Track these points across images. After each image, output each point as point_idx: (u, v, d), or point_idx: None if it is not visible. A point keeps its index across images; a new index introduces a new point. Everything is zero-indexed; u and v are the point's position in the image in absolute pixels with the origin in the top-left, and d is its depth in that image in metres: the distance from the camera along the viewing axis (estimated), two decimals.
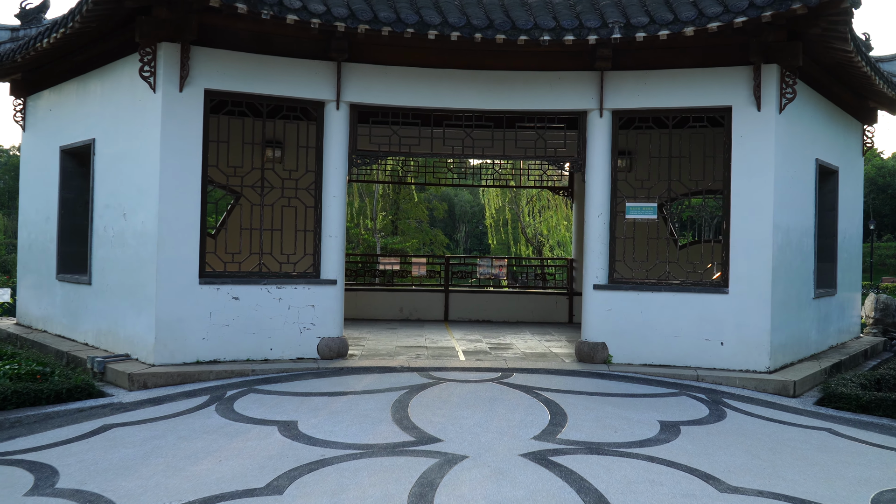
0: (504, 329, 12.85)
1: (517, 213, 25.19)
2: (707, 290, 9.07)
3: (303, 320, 9.05)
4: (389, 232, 28.45)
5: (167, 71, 8.49)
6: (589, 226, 9.47)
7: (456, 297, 14.11)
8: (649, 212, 9.38)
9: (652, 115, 9.39)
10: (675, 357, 9.08)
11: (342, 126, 9.24)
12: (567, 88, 9.39)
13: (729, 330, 8.94)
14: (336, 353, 9.12)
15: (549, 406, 7.00)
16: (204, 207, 8.74)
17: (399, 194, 28.09)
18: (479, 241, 70.28)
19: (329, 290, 9.16)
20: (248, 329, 8.84)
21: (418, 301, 14.08)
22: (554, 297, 14.16)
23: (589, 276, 9.40)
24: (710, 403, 7.50)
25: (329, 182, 9.22)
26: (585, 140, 9.47)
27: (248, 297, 8.84)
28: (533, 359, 9.59)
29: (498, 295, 14.30)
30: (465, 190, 76.94)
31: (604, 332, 9.26)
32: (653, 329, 9.14)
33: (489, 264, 14.36)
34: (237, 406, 7.03)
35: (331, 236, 9.21)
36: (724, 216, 9.10)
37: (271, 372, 8.45)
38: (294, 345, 9.03)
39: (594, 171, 9.40)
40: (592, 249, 9.39)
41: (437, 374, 8.40)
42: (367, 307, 13.92)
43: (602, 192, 9.37)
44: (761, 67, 8.84)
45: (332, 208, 9.21)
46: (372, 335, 11.58)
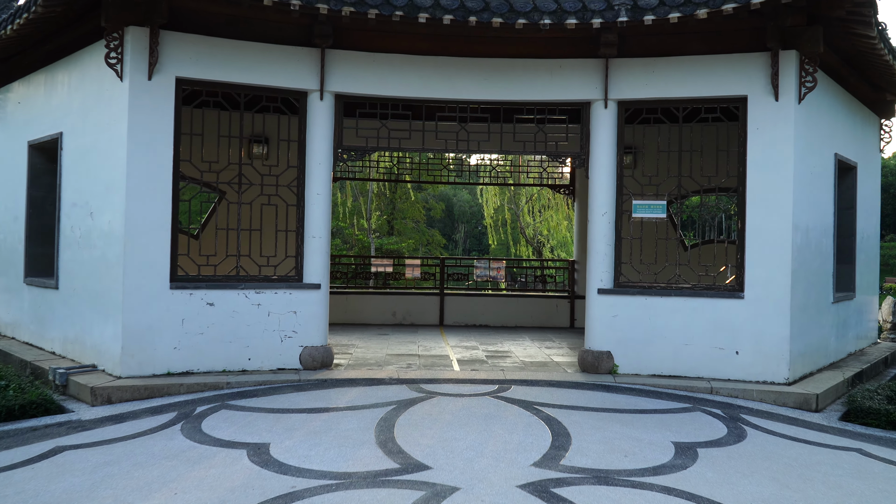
0: (502, 334, 12.17)
1: (516, 212, 24.45)
2: (721, 294, 8.40)
3: (284, 328, 8.37)
4: (385, 232, 27.75)
5: (135, 57, 7.82)
6: (592, 225, 8.79)
7: (452, 301, 13.43)
8: (658, 210, 8.71)
9: (661, 105, 8.71)
10: (687, 367, 8.40)
11: (326, 118, 8.56)
12: (569, 77, 8.72)
13: (745, 338, 8.27)
14: (320, 363, 8.44)
15: (551, 425, 6.33)
16: (176, 205, 8.06)
17: (395, 194, 27.39)
18: (479, 242, 69.61)
19: (312, 295, 8.48)
20: (224, 337, 8.16)
21: (412, 305, 13.40)
22: (554, 300, 13.48)
23: (593, 279, 8.73)
24: (727, 420, 6.82)
25: (312, 178, 8.54)
26: (589, 133, 8.80)
27: (224, 302, 8.17)
28: (533, 369, 8.91)
29: (496, 298, 13.62)
30: (463, 189, 76.37)
31: (609, 340, 8.59)
32: (662, 337, 8.47)
33: (486, 266, 13.69)
34: (206, 425, 6.34)
35: (314, 237, 8.53)
36: (739, 215, 8.42)
37: (248, 385, 7.77)
38: (274, 354, 8.35)
39: (598, 166, 8.73)
40: (596, 251, 8.72)
41: (429, 386, 7.72)
42: (359, 311, 13.24)
43: (607, 188, 8.70)
44: (779, 54, 8.17)
45: (315, 207, 8.53)
46: (362, 342, 10.90)
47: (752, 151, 8.31)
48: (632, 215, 8.78)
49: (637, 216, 8.76)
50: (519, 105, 8.98)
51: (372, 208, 25.03)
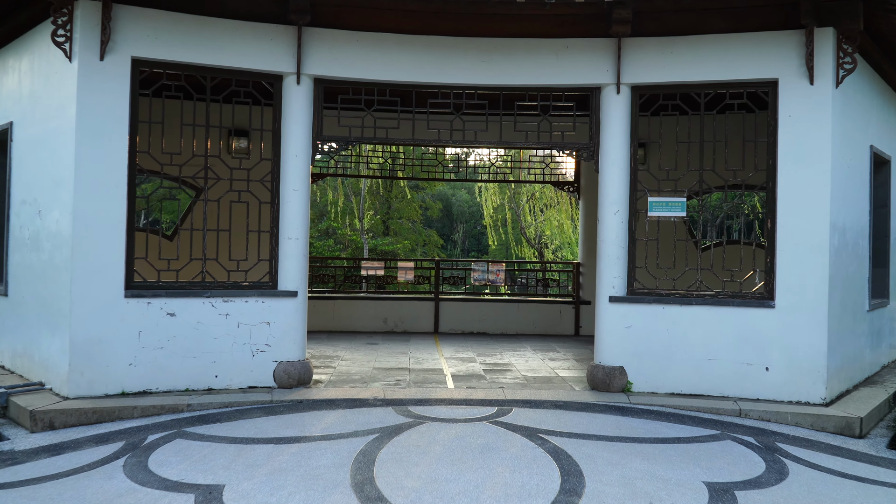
0: (502, 343, 11.22)
1: (517, 212, 23.40)
2: (748, 303, 7.45)
3: (255, 341, 7.43)
4: (380, 232, 26.77)
5: (85, 35, 6.88)
6: (603, 225, 7.85)
7: (447, 307, 12.48)
8: (677, 208, 7.76)
9: (680, 91, 7.76)
10: (710, 385, 7.46)
11: (304, 105, 7.62)
12: (577, 59, 7.78)
13: (775, 352, 7.33)
14: (296, 380, 7.49)
15: (560, 459, 5.38)
16: (132, 202, 7.11)
17: (391, 193, 26.41)
18: (478, 242, 68.63)
19: (288, 304, 7.53)
20: (188, 352, 7.21)
21: (405, 310, 12.44)
22: (558, 306, 12.53)
23: (603, 285, 7.78)
24: (762, 451, 5.87)
25: (288, 172, 7.59)
26: (599, 121, 7.85)
27: (188, 312, 7.22)
28: (536, 385, 7.96)
29: (495, 304, 12.66)
30: (462, 189, 75.40)
31: (622, 354, 7.64)
32: (682, 350, 7.53)
33: (485, 269, 12.74)
34: (154, 459, 5.39)
35: (290, 238, 7.58)
36: (769, 213, 7.48)
37: (212, 406, 6.82)
38: (245, 371, 7.40)
39: (609, 159, 7.78)
40: (608, 254, 7.77)
41: (419, 409, 6.77)
42: (347, 318, 12.28)
43: (619, 184, 7.76)
44: (814, 32, 7.23)
45: (291, 204, 7.59)
46: (348, 352, 9.95)
47: (784, 142, 7.37)
48: (647, 214, 7.83)
49: (653, 215, 7.81)
50: (520, 90, 8.04)
51: (365, 207, 24.01)
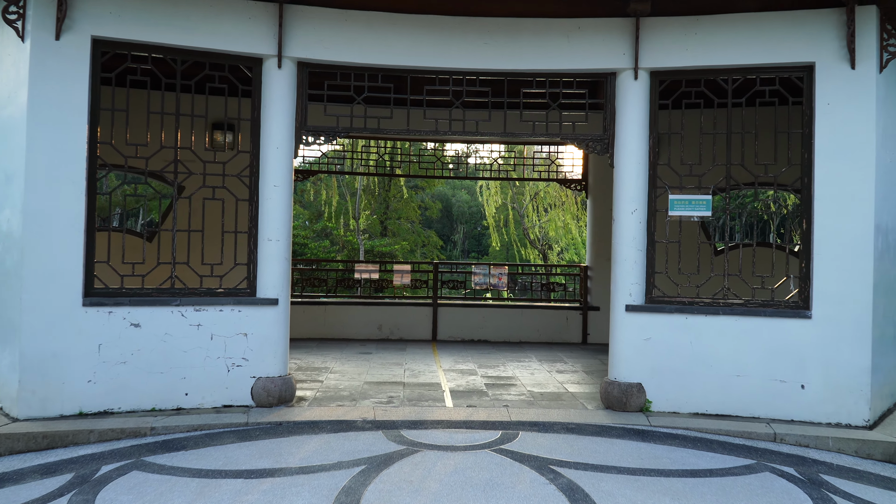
0: (504, 352, 10.44)
1: (520, 212, 22.55)
2: (781, 312, 6.68)
3: (231, 354, 6.65)
4: (378, 233, 25.98)
5: (39, 12, 6.12)
6: (619, 226, 7.07)
7: (446, 313, 11.70)
8: (701, 207, 6.98)
9: (704, 76, 6.99)
10: (739, 404, 6.69)
11: (286, 91, 6.84)
12: (590, 41, 7.01)
13: (812, 367, 6.55)
14: (277, 398, 6.71)
15: (576, 499, 4.59)
16: (92, 199, 6.34)
17: (389, 192, 25.63)
18: (478, 242, 67.82)
19: (268, 313, 6.75)
20: (154, 367, 6.44)
21: (401, 317, 11.67)
22: (564, 312, 11.75)
23: (619, 293, 7.00)
24: (806, 486, 5.09)
25: (269, 166, 6.82)
26: (614, 111, 7.08)
27: (155, 323, 6.45)
28: (544, 403, 7.18)
29: (497, 310, 11.88)
30: (462, 189, 74.56)
31: (640, 370, 6.87)
32: (707, 365, 6.75)
33: (486, 272, 11.97)
34: (102, 498, 4.62)
35: (270, 240, 6.80)
36: (804, 213, 6.71)
37: (179, 430, 6.04)
38: (219, 388, 6.63)
39: (626, 152, 7.01)
40: (623, 258, 6.99)
41: (413, 433, 5.99)
42: (339, 325, 11.50)
43: (636, 180, 6.98)
44: (855, 10, 6.45)
45: (272, 202, 6.81)
46: (338, 363, 9.17)
47: (821, 133, 6.60)
48: (668, 213, 7.05)
49: (675, 214, 7.03)
50: (527, 76, 7.26)
51: (361, 207, 23.17)
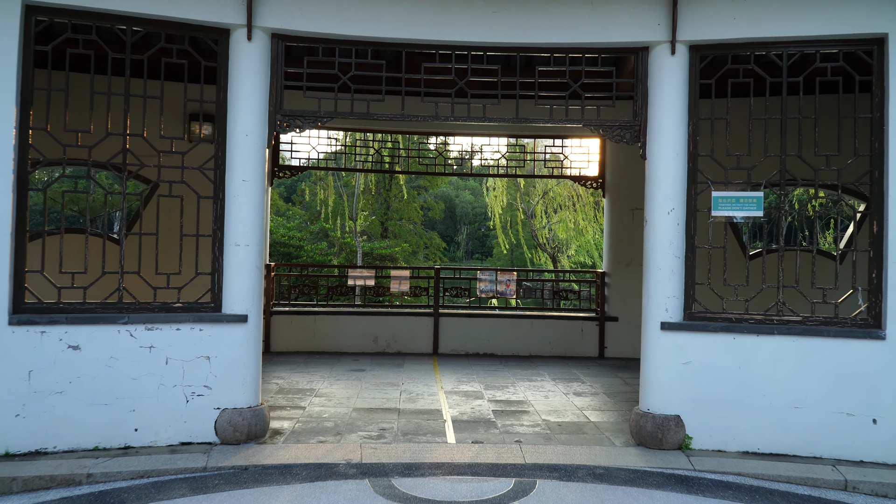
0: (513, 368, 9.35)
1: (528, 212, 21.32)
2: (848, 332, 5.58)
3: (191, 381, 5.57)
4: (378, 235, 24.89)
5: None
6: (653, 229, 5.96)
7: (449, 323, 10.60)
8: (751, 206, 5.88)
9: (754, 50, 5.89)
10: (796, 441, 5.59)
11: (258, 67, 5.76)
12: (618, 9, 5.92)
13: (887, 398, 5.47)
14: (245, 433, 5.63)
15: None
16: (23, 196, 5.28)
17: (389, 192, 24.54)
18: (482, 244, 66.69)
19: (235, 333, 5.67)
20: (97, 397, 5.37)
21: (398, 328, 10.58)
22: (579, 322, 10.64)
23: (653, 307, 5.90)
24: None
25: (236, 158, 5.74)
26: (646, 92, 5.99)
27: (98, 344, 5.38)
28: (563, 437, 6.08)
29: (504, 320, 10.78)
30: (465, 190, 73.52)
31: (678, 400, 5.77)
32: (759, 395, 5.66)
33: (493, 278, 10.88)
34: None
35: (239, 245, 5.72)
36: (876, 212, 5.61)
37: (122, 477, 4.96)
38: (175, 422, 5.55)
39: (661, 141, 5.91)
40: (658, 266, 5.89)
41: (406, 484, 4.90)
42: (330, 337, 10.42)
43: (674, 174, 5.88)
44: None
45: (241, 200, 5.73)
46: (326, 384, 8.10)
47: None
48: (711, 213, 5.95)
49: (719, 214, 5.93)
50: (543, 51, 6.16)
51: (359, 207, 22.03)
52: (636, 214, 10.43)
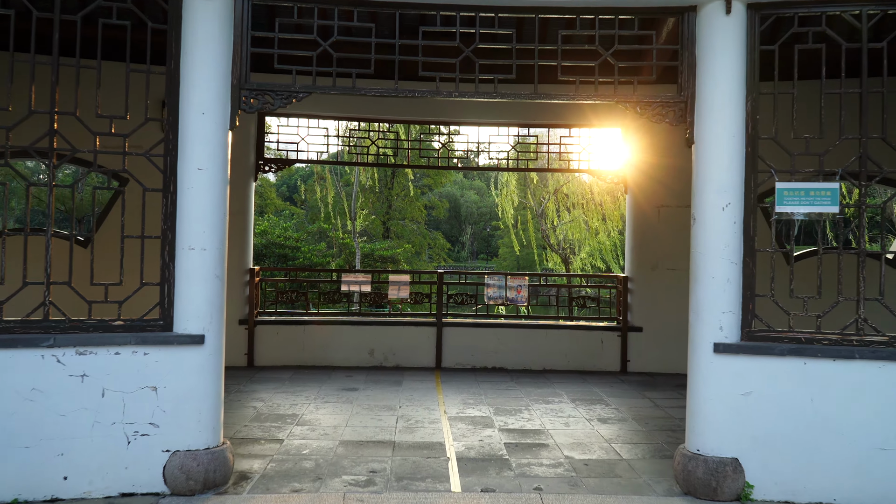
0: (526, 386, 8.28)
1: (538, 211, 20.11)
2: None
3: (133, 418, 4.51)
4: (379, 235, 23.82)
5: None
6: (702, 229, 4.88)
7: (453, 334, 9.53)
8: (824, 200, 4.78)
9: (826, 8, 4.79)
10: (884, 489, 4.50)
11: (217, 30, 4.69)
12: None
13: None
14: (202, 481, 4.56)
15: None
16: None
17: (392, 190, 23.47)
18: (487, 244, 65.63)
19: (189, 357, 4.60)
20: (15, 439, 4.32)
21: (397, 339, 9.51)
22: (599, 333, 9.55)
23: (703, 325, 4.81)
24: None
25: (190, 141, 4.67)
26: (694, 61, 4.90)
27: (15, 372, 4.33)
28: (592, 483, 4.99)
29: (515, 330, 9.69)
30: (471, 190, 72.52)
31: (736, 439, 4.68)
32: (836, 433, 4.57)
33: (502, 283, 9.80)
34: None
35: (194, 249, 4.65)
36: None
37: None
38: (115, 467, 4.49)
39: (712, 121, 4.82)
40: (710, 274, 4.80)
41: None
42: (321, 349, 9.36)
43: (729, 161, 4.79)
44: None
45: (196, 193, 4.66)
46: (312, 407, 7.04)
47: None
48: (775, 209, 4.85)
49: (785, 210, 4.83)
50: (567, 12, 5.08)
51: (358, 206, 20.91)
52: (663, 213, 9.35)
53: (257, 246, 19.30)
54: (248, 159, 9.21)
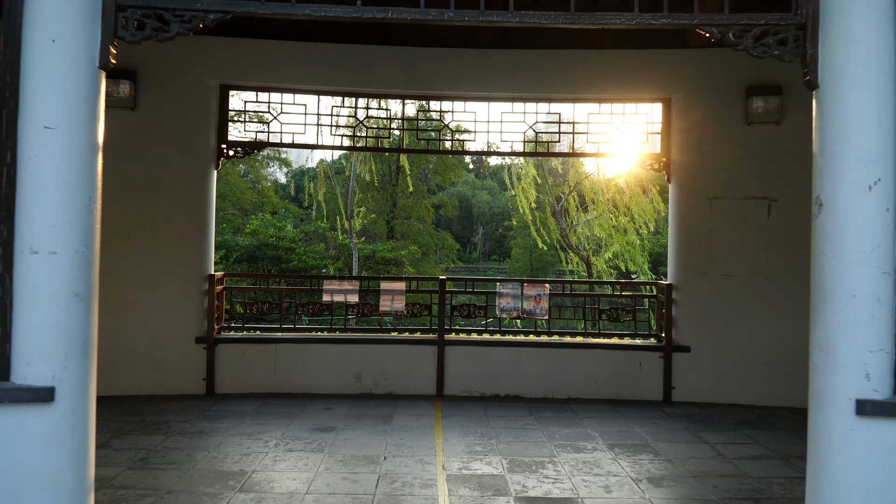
0: (548, 423, 6.58)
1: (557, 208, 18.17)
2: None
3: None
4: (384, 235, 22.16)
5: None
6: (835, 220, 3.15)
7: (458, 354, 7.83)
8: None
9: None
10: None
11: None
12: None
13: None
14: None
15: None
16: None
17: (396, 186, 21.80)
18: (499, 245, 63.95)
19: (32, 421, 2.93)
20: None
21: (390, 360, 7.81)
22: (635, 353, 7.81)
23: (838, 371, 3.08)
24: None
25: (33, 85, 3.00)
26: None
27: None
28: None
29: (533, 349, 7.97)
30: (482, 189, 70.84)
31: None
32: None
33: (517, 292, 8.10)
34: None
35: (38, 252, 2.98)
36: None
37: None
38: None
39: (850, 53, 3.10)
40: (850, 290, 3.08)
41: None
42: (297, 372, 7.69)
43: (879, 116, 3.06)
44: None
45: (41, 164, 3.00)
46: (270, 456, 5.38)
47: None
48: None
49: None
50: None
51: (354, 203, 19.16)
52: (716, 206, 7.61)
53: (248, 247, 17.71)
54: (206, 142, 7.55)
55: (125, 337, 7.29)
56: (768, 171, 7.50)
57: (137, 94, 7.31)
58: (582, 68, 7.76)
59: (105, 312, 7.24)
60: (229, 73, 7.62)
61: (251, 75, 7.67)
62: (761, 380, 7.48)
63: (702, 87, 7.63)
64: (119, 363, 7.29)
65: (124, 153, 7.19)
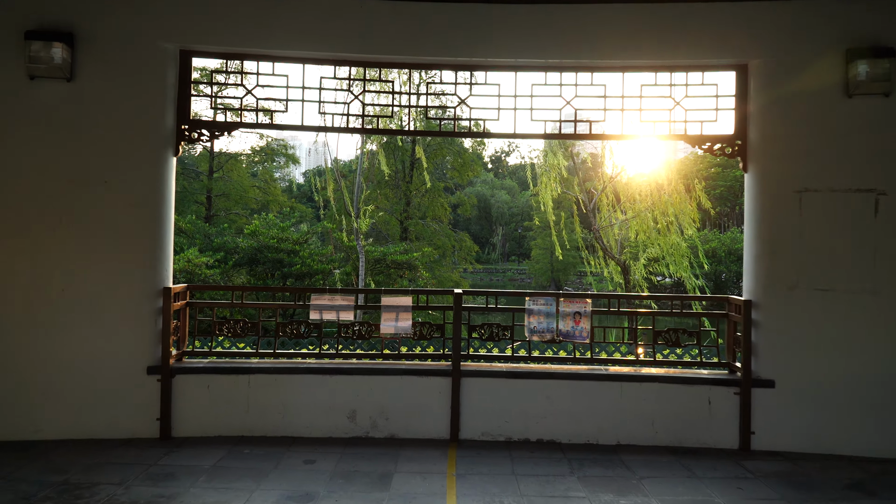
0: (593, 483, 5.00)
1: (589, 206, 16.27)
2: None
3: None
4: (397, 237, 20.60)
5: None
6: None
7: (477, 386, 6.25)
8: None
9: None
10: None
11: None
12: None
13: None
14: None
15: None
16: None
17: (410, 184, 20.24)
18: (519, 245, 62.38)
19: None
20: None
21: (393, 394, 6.25)
22: (703, 388, 6.17)
23: None
24: None
25: None
26: None
27: None
28: None
29: (573, 382, 6.36)
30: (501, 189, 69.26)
31: None
32: None
33: (551, 310, 6.49)
34: None
35: None
36: None
37: None
38: None
39: None
40: None
41: None
42: (276, 409, 6.16)
43: None
44: None
45: None
46: None
47: None
48: None
49: None
50: None
51: (360, 200, 17.52)
52: (807, 200, 5.96)
53: (248, 249, 16.25)
54: (161, 122, 6.02)
55: (60, 365, 5.82)
56: (876, 156, 5.85)
57: (75, 60, 5.80)
58: (633, 27, 6.15)
59: (33, 334, 5.77)
60: (191, 36, 6.09)
61: (219, 38, 6.13)
62: (868, 424, 5.83)
63: (788, 49, 5.98)
64: (53, 398, 5.82)
65: (57, 135, 5.72)
